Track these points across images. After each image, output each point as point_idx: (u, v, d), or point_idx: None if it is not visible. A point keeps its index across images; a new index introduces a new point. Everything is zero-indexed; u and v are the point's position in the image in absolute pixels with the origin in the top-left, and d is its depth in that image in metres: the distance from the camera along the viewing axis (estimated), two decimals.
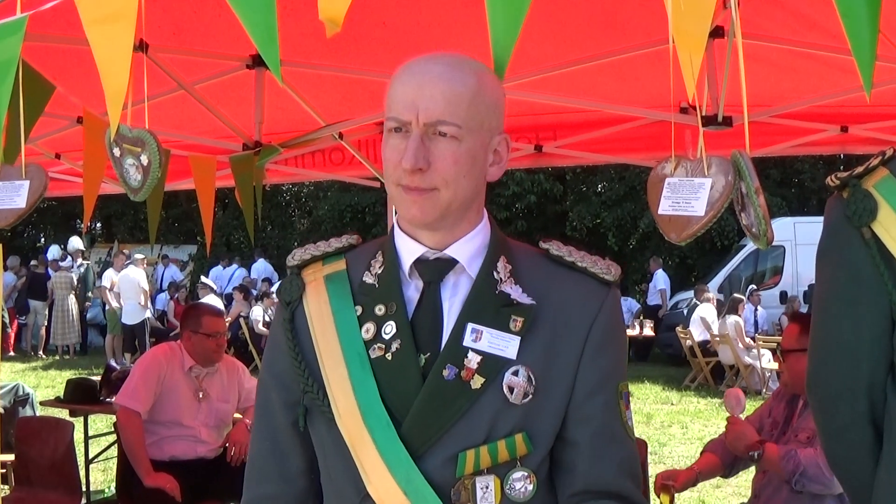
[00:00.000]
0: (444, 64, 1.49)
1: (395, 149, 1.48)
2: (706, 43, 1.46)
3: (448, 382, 1.48)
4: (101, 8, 1.68)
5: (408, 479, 1.46)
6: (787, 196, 20.77)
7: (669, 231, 1.88)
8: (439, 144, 1.46)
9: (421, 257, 1.55)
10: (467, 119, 1.47)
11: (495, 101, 1.54)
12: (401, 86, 1.49)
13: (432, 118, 1.45)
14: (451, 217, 1.52)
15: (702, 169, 1.80)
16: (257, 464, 1.68)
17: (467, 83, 1.47)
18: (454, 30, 3.15)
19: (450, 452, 1.47)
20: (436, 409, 1.47)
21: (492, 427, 1.47)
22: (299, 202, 27.07)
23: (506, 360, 1.49)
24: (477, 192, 1.56)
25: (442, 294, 1.55)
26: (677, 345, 14.84)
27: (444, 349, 1.50)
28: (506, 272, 1.55)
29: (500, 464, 1.48)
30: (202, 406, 4.70)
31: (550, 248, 1.60)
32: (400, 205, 1.52)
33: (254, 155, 3.81)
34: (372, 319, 1.55)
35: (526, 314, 1.51)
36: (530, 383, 1.48)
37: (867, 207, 1.64)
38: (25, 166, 2.38)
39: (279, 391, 1.63)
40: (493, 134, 1.54)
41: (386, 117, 1.51)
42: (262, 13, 1.46)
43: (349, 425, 1.51)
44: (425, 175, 1.46)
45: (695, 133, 1.90)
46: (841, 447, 1.79)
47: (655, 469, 7.72)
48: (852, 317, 1.68)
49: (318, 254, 1.66)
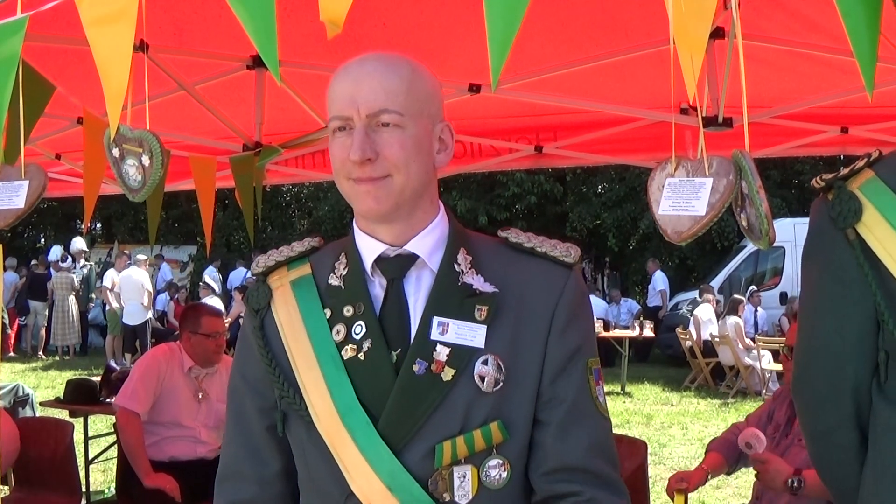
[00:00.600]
0: (376, 59, 1.53)
1: (341, 146, 1.51)
2: (707, 44, 1.45)
3: (419, 377, 1.49)
4: (102, 8, 1.68)
5: (391, 475, 1.48)
6: (787, 197, 20.76)
7: (670, 231, 1.88)
8: (383, 134, 1.49)
9: (382, 255, 1.56)
10: (407, 106, 1.50)
11: (432, 90, 1.57)
12: (338, 85, 1.52)
13: (373, 108, 1.48)
14: (405, 206, 1.53)
15: (702, 169, 1.80)
16: (232, 468, 1.69)
17: (402, 73, 1.51)
18: (454, 30, 3.15)
19: (428, 445, 1.49)
20: (410, 404, 1.49)
21: (466, 417, 1.49)
22: (299, 203, 27.07)
23: (474, 349, 1.51)
24: (428, 180, 1.57)
25: (406, 290, 1.56)
26: (677, 346, 14.85)
27: (413, 344, 1.52)
28: (466, 263, 1.57)
29: (477, 452, 1.50)
30: (202, 407, 4.70)
31: (509, 236, 1.63)
32: (354, 199, 1.53)
33: (254, 155, 3.81)
34: (341, 321, 1.56)
35: (490, 302, 1.53)
36: (500, 371, 1.50)
37: (851, 209, 1.64)
38: (25, 166, 2.38)
39: (253, 397, 1.64)
40: (434, 121, 1.56)
41: (328, 119, 1.53)
42: (262, 13, 1.47)
43: (328, 426, 1.52)
44: (375, 164, 1.48)
45: (695, 134, 1.90)
46: (826, 450, 1.78)
47: (655, 470, 7.74)
48: (837, 318, 1.68)
49: (283, 259, 1.68)
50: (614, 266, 24.05)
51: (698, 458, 8.48)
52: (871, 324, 1.64)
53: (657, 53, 3.14)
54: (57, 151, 4.59)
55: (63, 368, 14.87)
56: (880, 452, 1.66)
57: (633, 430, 9.56)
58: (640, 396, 12.61)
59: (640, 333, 14.40)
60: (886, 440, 1.65)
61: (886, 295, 1.60)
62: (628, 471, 3.97)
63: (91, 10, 1.69)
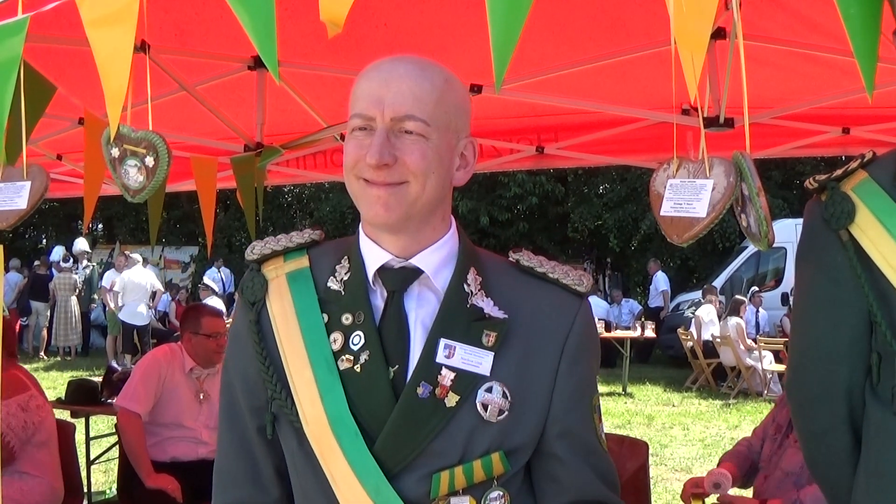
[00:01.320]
0: (410, 62, 1.46)
1: (359, 145, 1.43)
2: (708, 44, 1.45)
3: (423, 400, 1.43)
4: (102, 9, 1.68)
5: (377, 490, 1.43)
6: (788, 198, 20.75)
7: (671, 232, 1.88)
8: (405, 141, 1.42)
9: (385, 265, 1.50)
10: (434, 116, 1.43)
11: (462, 102, 1.51)
12: (367, 82, 1.46)
13: (399, 113, 1.41)
14: (415, 218, 1.46)
15: (703, 170, 1.80)
16: (226, 467, 1.63)
17: (435, 81, 1.45)
18: (455, 31, 3.15)
19: (423, 473, 1.44)
20: (410, 428, 1.43)
21: (467, 446, 1.44)
22: (301, 203, 27.08)
23: (479, 376, 1.45)
24: (444, 195, 1.50)
25: (406, 304, 1.50)
26: (678, 346, 14.84)
27: (418, 366, 1.45)
28: (476, 284, 1.51)
29: (476, 484, 1.45)
30: (203, 407, 4.70)
31: (521, 259, 1.56)
32: (362, 202, 1.46)
33: (255, 156, 3.81)
34: (339, 329, 1.49)
35: (499, 329, 1.47)
36: (505, 399, 1.45)
37: (845, 210, 1.64)
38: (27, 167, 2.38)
39: (245, 396, 1.58)
40: (459, 136, 1.50)
41: (350, 117, 1.47)
42: (262, 14, 1.45)
43: (317, 434, 1.46)
44: (392, 170, 1.41)
45: (696, 135, 1.90)
46: (820, 451, 1.78)
47: (657, 471, 7.74)
48: (830, 319, 1.68)
49: (279, 248, 1.60)
50: (616, 267, 24.06)
51: (700, 458, 8.50)
52: (865, 325, 1.64)
53: (658, 54, 3.14)
54: (58, 152, 4.59)
55: (64, 369, 14.89)
56: (873, 454, 1.66)
57: (634, 431, 9.56)
58: (641, 397, 12.61)
59: (641, 334, 14.41)
60: (879, 441, 1.65)
61: (879, 296, 1.60)
62: (630, 471, 3.96)
63: (92, 10, 1.69)
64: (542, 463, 1.53)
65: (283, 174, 5.39)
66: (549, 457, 1.52)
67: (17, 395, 3.97)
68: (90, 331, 18.12)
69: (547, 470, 1.53)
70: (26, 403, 4.00)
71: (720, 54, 2.90)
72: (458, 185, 1.54)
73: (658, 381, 14.06)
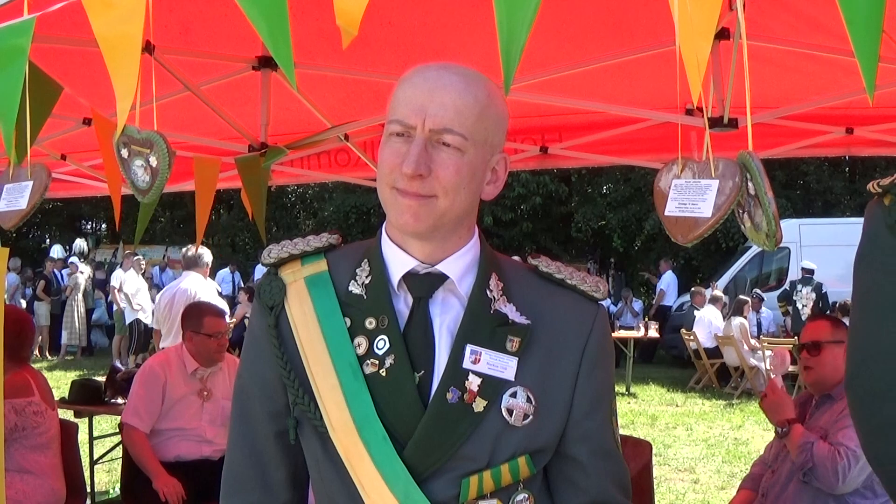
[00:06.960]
0: (456, 73, 1.46)
1: (395, 152, 1.44)
2: (712, 45, 1.45)
3: (452, 406, 1.45)
4: (109, 9, 1.68)
5: (406, 495, 1.43)
6: (792, 198, 20.75)
7: (676, 233, 1.88)
8: (441, 153, 1.42)
9: (411, 271, 1.50)
10: (473, 132, 1.44)
11: (502, 118, 1.51)
12: (410, 89, 1.45)
13: (439, 125, 1.41)
14: (443, 229, 1.47)
15: (708, 170, 1.80)
16: (236, 472, 1.64)
17: (478, 96, 1.45)
18: (461, 31, 3.15)
19: (453, 477, 1.46)
20: (441, 433, 1.45)
21: (494, 450, 1.46)
22: (305, 203, 27.09)
23: (505, 381, 1.47)
24: (472, 208, 1.51)
25: (431, 310, 1.51)
26: (682, 346, 14.83)
27: (446, 371, 1.47)
28: (498, 290, 1.52)
29: (504, 487, 1.47)
30: (206, 406, 4.71)
31: (540, 265, 1.58)
32: (392, 209, 1.46)
33: (259, 156, 3.82)
34: (363, 333, 1.50)
35: (522, 334, 1.49)
36: (530, 404, 1.48)
37: None
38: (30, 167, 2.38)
39: (262, 401, 1.57)
40: (494, 151, 1.51)
41: (388, 120, 1.46)
42: (275, 14, 1.43)
43: (344, 439, 1.46)
44: (424, 182, 1.42)
45: (700, 135, 1.90)
46: (883, 444, 1.80)
47: (660, 470, 7.74)
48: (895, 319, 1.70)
49: (297, 252, 1.59)
50: (619, 267, 24.07)
51: (703, 458, 8.51)
52: None
53: (662, 54, 3.14)
54: (63, 152, 4.59)
55: (68, 368, 14.89)
56: None
57: (637, 431, 9.56)
58: (644, 397, 12.61)
59: (645, 334, 14.40)
60: None
61: None
62: (633, 471, 3.96)
63: (99, 10, 1.69)
64: (561, 465, 1.55)
65: (287, 174, 5.39)
66: (567, 459, 1.55)
67: (16, 398, 4.00)
68: (92, 330, 18.13)
69: (565, 472, 1.56)
70: (22, 408, 4.04)
71: (724, 54, 2.89)
72: (486, 199, 1.54)
73: (661, 380, 14.06)
